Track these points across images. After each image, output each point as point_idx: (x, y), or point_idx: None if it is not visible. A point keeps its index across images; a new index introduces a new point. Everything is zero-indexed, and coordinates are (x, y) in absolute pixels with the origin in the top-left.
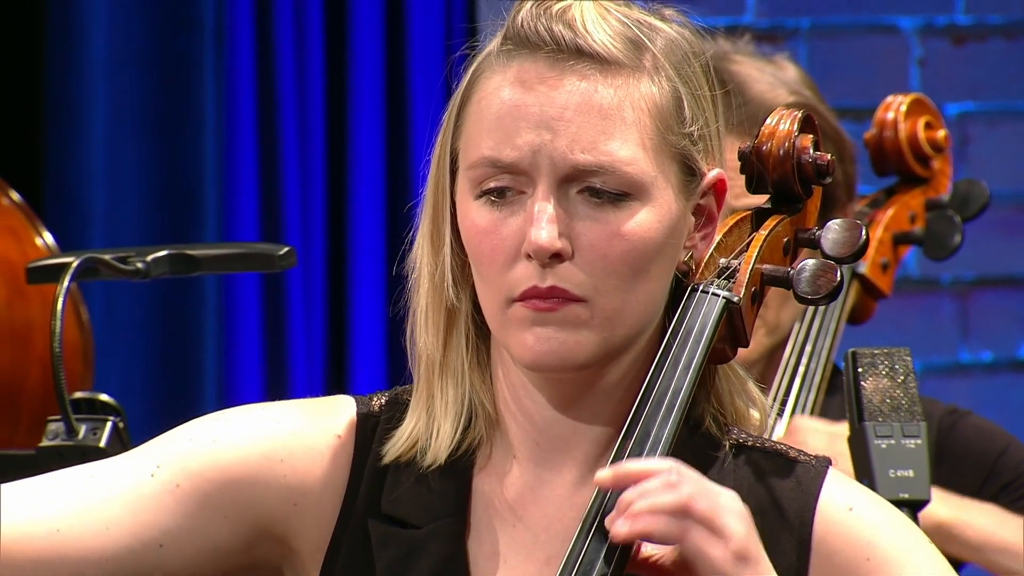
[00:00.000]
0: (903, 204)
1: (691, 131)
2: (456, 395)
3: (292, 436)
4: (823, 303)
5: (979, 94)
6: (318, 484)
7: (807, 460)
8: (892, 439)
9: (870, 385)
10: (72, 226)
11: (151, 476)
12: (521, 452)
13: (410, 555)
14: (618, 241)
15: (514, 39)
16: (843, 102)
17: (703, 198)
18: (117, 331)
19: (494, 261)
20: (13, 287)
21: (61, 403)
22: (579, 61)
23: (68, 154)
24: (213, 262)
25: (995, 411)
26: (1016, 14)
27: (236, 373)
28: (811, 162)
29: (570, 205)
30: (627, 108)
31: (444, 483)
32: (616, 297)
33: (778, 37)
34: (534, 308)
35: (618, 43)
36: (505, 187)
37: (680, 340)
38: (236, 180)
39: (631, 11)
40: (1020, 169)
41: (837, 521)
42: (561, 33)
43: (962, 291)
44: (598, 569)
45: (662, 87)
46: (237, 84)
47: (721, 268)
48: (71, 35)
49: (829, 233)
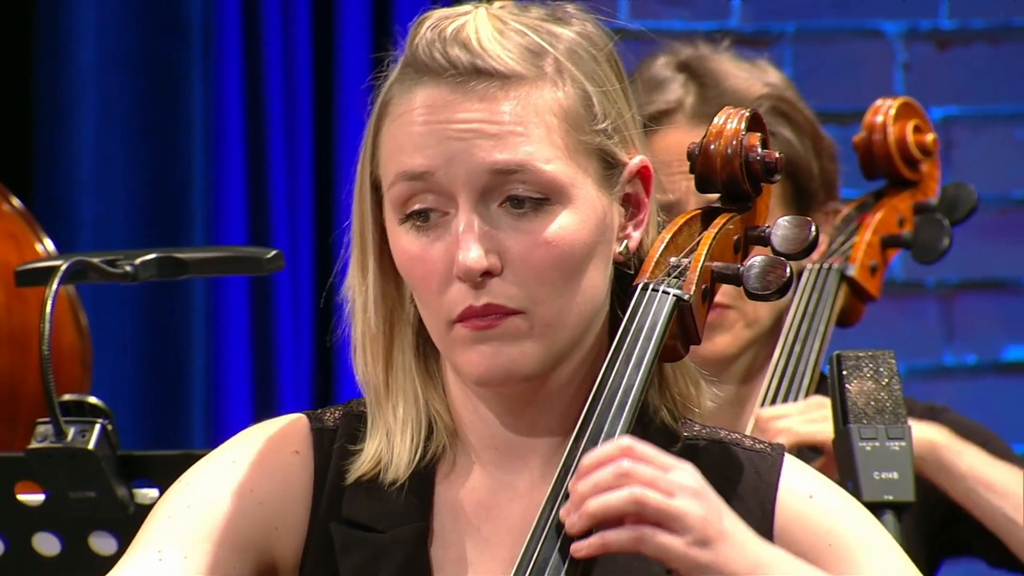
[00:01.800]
0: (891, 207)
1: (604, 127)
2: (410, 413)
3: (254, 466)
4: (773, 299)
5: (963, 98)
6: (288, 502)
7: (763, 449)
8: (877, 441)
9: (855, 387)
10: (61, 230)
11: (160, 560)
12: (482, 457)
13: (374, 560)
14: (546, 249)
15: (415, 66)
16: (828, 106)
17: (629, 186)
18: (106, 334)
19: (428, 286)
20: (12, 292)
21: (50, 405)
22: (479, 80)
23: (57, 158)
24: (201, 265)
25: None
26: (1000, 19)
27: (224, 375)
28: (759, 160)
29: (493, 220)
30: (533, 117)
31: (407, 491)
32: (553, 304)
33: (763, 41)
34: (474, 327)
35: (516, 56)
36: (428, 209)
37: (631, 338)
38: (224, 184)
39: (529, 17)
40: (1004, 173)
41: (798, 510)
42: (458, 56)
43: (946, 294)
44: (552, 563)
45: (567, 90)
46: (225, 88)
47: (671, 267)
48: (60, 40)
49: (779, 230)
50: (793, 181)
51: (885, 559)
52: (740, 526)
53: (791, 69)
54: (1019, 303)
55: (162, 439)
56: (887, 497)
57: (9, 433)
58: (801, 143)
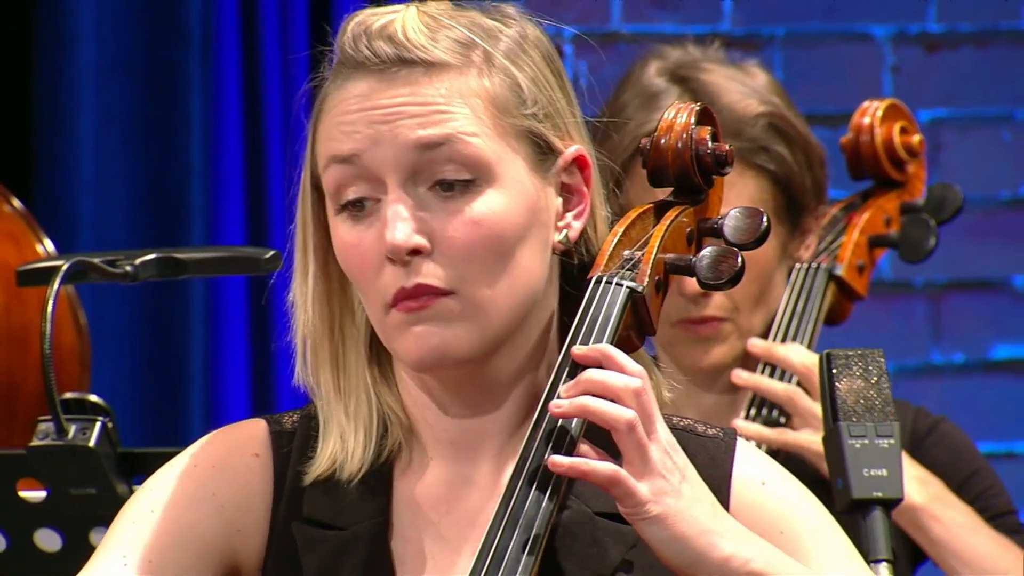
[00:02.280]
0: (878, 208)
1: (533, 111)
2: (363, 412)
3: (215, 470)
4: (727, 287)
5: (951, 101)
6: (250, 504)
7: (716, 434)
8: (866, 439)
9: (844, 386)
10: (62, 231)
11: (124, 566)
12: (437, 452)
13: (336, 556)
14: (473, 228)
15: (344, 63)
16: (818, 108)
17: (566, 176)
18: (106, 333)
19: (364, 272)
20: (11, 292)
21: (51, 403)
22: (403, 68)
23: (58, 161)
24: (200, 265)
25: (966, 412)
26: (987, 22)
27: (223, 373)
28: (710, 153)
29: (422, 201)
30: (457, 98)
31: (366, 488)
32: (484, 284)
33: (754, 44)
34: (407, 310)
35: (442, 46)
36: (362, 198)
37: (586, 329)
38: (222, 185)
39: (464, 15)
40: (991, 174)
41: (752, 495)
42: (383, 48)
43: (934, 294)
44: (512, 551)
45: (494, 79)
46: (223, 92)
47: (625, 259)
48: (61, 44)
49: (731, 221)
50: (787, 195)
51: (834, 548)
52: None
53: (781, 72)
54: (1006, 302)
55: (162, 437)
56: (876, 494)
57: (7, 431)
58: (795, 158)
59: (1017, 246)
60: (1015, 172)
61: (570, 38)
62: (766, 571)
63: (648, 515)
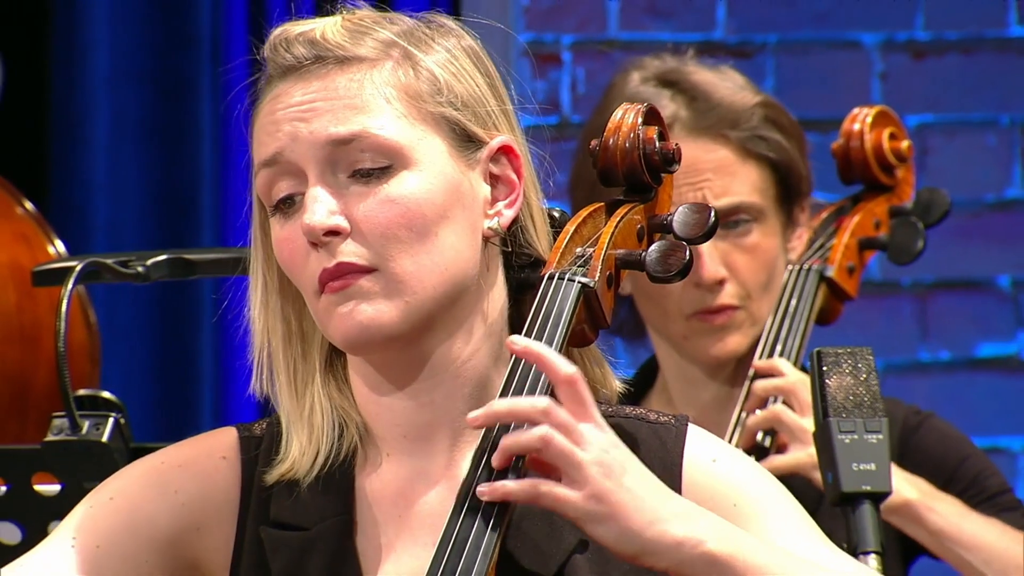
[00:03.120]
0: (868, 211)
1: (450, 99)
2: (318, 415)
3: (180, 468)
4: (676, 280)
5: (937, 106)
6: (213, 504)
7: (667, 421)
8: (855, 434)
9: (834, 383)
10: (76, 233)
11: (72, 547)
12: (391, 448)
13: (302, 556)
14: (390, 206)
15: (268, 75)
16: (808, 114)
17: (494, 165)
18: (119, 331)
19: (295, 263)
20: (24, 291)
21: (65, 400)
22: (318, 64)
23: (72, 165)
24: (209, 266)
25: (952, 408)
26: (973, 30)
27: (231, 371)
28: (657, 152)
29: (341, 188)
30: (369, 89)
31: (328, 488)
32: (404, 261)
33: (747, 52)
34: (332, 291)
35: (358, 43)
36: (291, 194)
37: (540, 325)
38: (231, 188)
39: (394, 24)
40: (976, 178)
41: (703, 473)
42: (301, 51)
43: (921, 293)
44: (472, 538)
45: (409, 72)
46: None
47: (577, 256)
48: (75, 53)
49: (680, 216)
50: (785, 182)
51: (787, 516)
52: (643, 484)
53: (773, 78)
54: (991, 302)
55: (172, 432)
56: (865, 487)
57: (19, 426)
58: (791, 145)
59: (1002, 247)
60: (1000, 175)
61: (568, 46)
62: (719, 548)
63: (593, 518)
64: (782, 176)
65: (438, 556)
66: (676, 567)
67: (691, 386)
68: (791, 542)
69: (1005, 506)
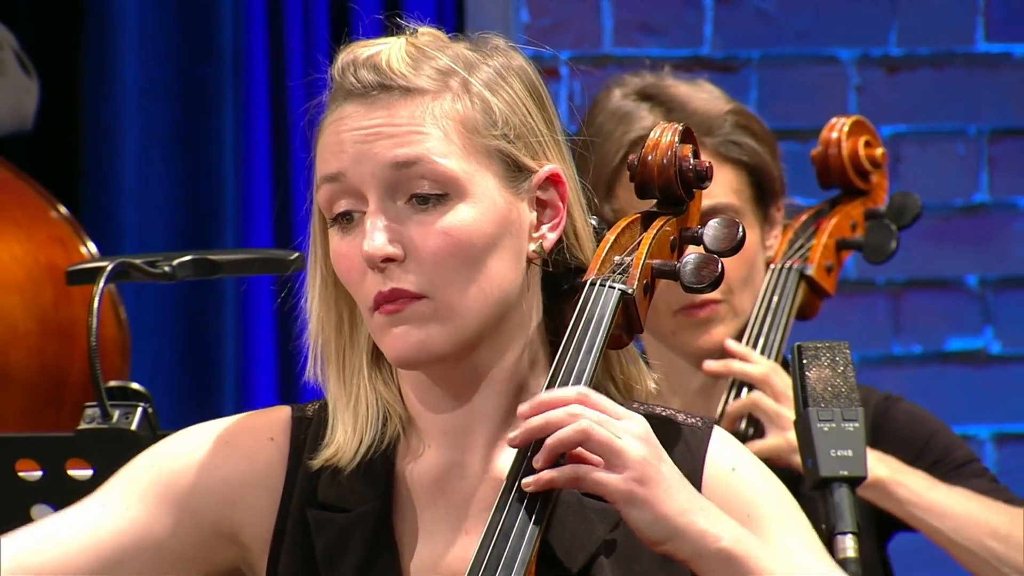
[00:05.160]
0: (845, 214)
1: (505, 132)
2: (362, 405)
3: (225, 444)
4: (707, 291)
5: (910, 117)
6: (255, 481)
7: (694, 423)
8: (833, 423)
9: (813, 375)
10: (107, 235)
11: (103, 507)
12: (432, 439)
13: (343, 536)
14: (444, 237)
15: (335, 91)
16: (789, 124)
17: (541, 191)
18: (147, 327)
19: (351, 279)
20: (60, 290)
21: (97, 391)
22: (383, 93)
23: (104, 173)
24: (232, 266)
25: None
26: (943, 46)
27: (252, 364)
28: (691, 169)
29: (399, 214)
30: (429, 121)
31: (370, 473)
32: (454, 289)
33: (732, 67)
34: (386, 312)
35: (422, 74)
36: (350, 211)
37: (582, 328)
38: (252, 193)
39: (451, 48)
40: (946, 183)
41: (722, 479)
42: (366, 77)
43: (895, 291)
44: (517, 527)
45: (467, 103)
46: (253, 109)
47: (616, 264)
48: (106, 67)
49: (710, 231)
50: (759, 184)
51: (795, 533)
52: (676, 474)
53: (756, 91)
54: (960, 299)
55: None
56: (843, 472)
57: (56, 415)
58: (763, 149)
59: (970, 249)
60: (968, 182)
61: (566, 60)
62: (734, 547)
63: (632, 500)
64: (756, 178)
65: (485, 542)
66: (695, 557)
67: (678, 376)
68: (797, 558)
69: (972, 473)
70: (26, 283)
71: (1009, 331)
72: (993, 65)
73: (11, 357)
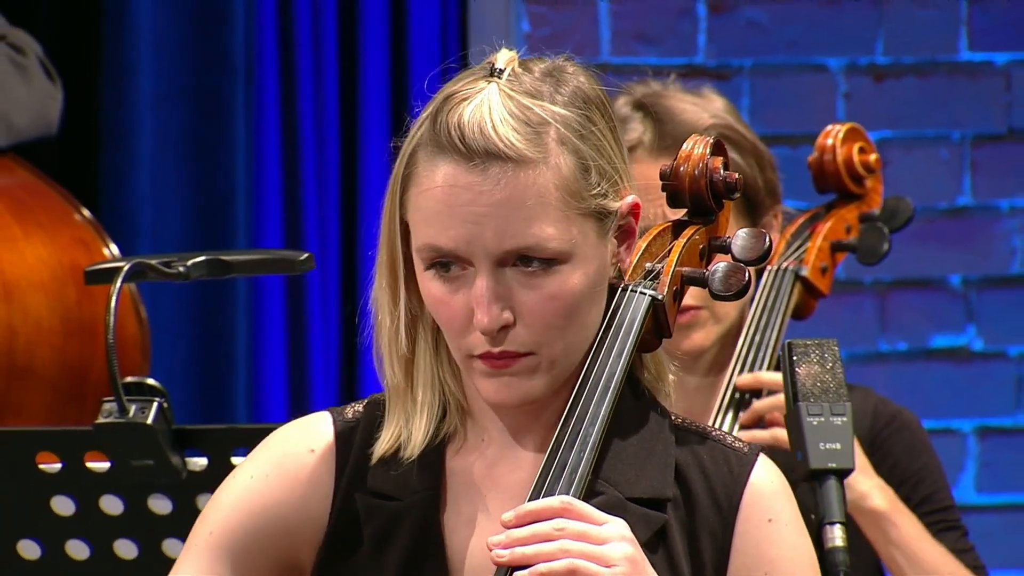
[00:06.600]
0: (840, 217)
1: (599, 188)
2: (428, 398)
3: (266, 478)
4: (735, 299)
5: (896, 124)
6: (303, 503)
7: (740, 447)
8: (822, 417)
9: (803, 371)
10: (124, 237)
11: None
12: (490, 435)
13: (392, 524)
14: (553, 302)
15: (435, 142)
16: (780, 130)
17: (622, 220)
18: (162, 325)
19: (451, 327)
20: (83, 290)
21: (114, 386)
22: (492, 163)
23: (120, 176)
24: (243, 266)
25: (909, 394)
26: (927, 55)
27: (263, 360)
28: (722, 180)
29: (507, 280)
30: (537, 198)
31: (422, 464)
32: (560, 343)
33: (724, 75)
34: (491, 365)
35: (522, 137)
36: (450, 262)
37: (614, 332)
38: (263, 196)
39: (538, 87)
40: (930, 187)
41: (754, 525)
42: (474, 139)
43: (881, 291)
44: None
45: (564, 160)
46: (264, 114)
47: (647, 271)
48: (123, 73)
49: (739, 240)
50: (743, 195)
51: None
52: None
53: (748, 98)
54: (944, 298)
55: (210, 415)
56: (831, 464)
57: (78, 410)
58: (746, 162)
59: (954, 250)
60: (952, 185)
61: None
62: None
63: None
64: None
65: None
66: None
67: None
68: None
69: (948, 525)
70: (51, 283)
71: (991, 328)
72: (976, 73)
73: (36, 354)
